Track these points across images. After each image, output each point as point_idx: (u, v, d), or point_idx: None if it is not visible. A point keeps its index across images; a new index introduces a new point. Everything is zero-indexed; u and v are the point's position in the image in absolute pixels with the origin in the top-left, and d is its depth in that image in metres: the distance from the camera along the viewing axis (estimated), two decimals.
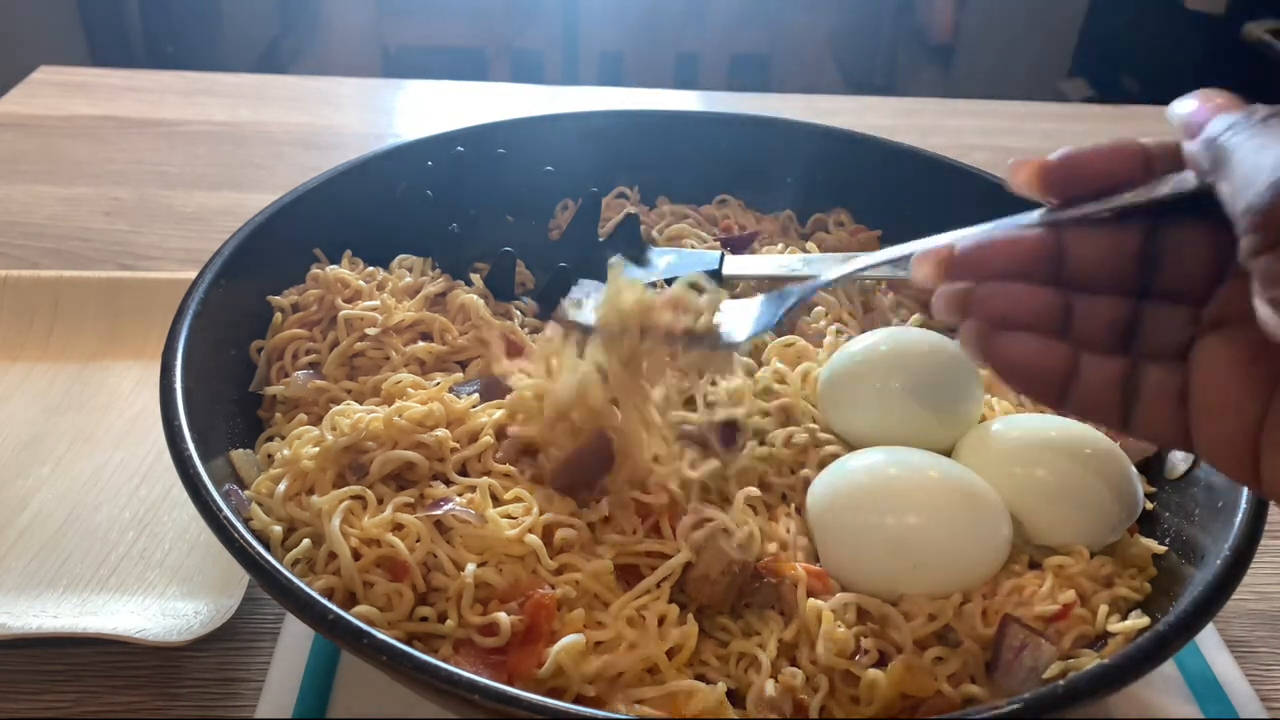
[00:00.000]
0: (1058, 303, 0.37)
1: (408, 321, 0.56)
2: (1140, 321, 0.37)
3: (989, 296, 0.37)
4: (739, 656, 0.44)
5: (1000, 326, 0.37)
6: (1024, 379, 0.37)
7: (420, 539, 0.44)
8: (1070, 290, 0.37)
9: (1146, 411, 0.36)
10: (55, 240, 0.85)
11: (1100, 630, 0.43)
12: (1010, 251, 0.37)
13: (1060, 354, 0.36)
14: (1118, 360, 0.37)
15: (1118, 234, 0.36)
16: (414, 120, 1.12)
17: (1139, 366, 0.37)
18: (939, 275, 0.38)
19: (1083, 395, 0.37)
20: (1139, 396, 0.36)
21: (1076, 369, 0.37)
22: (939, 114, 1.14)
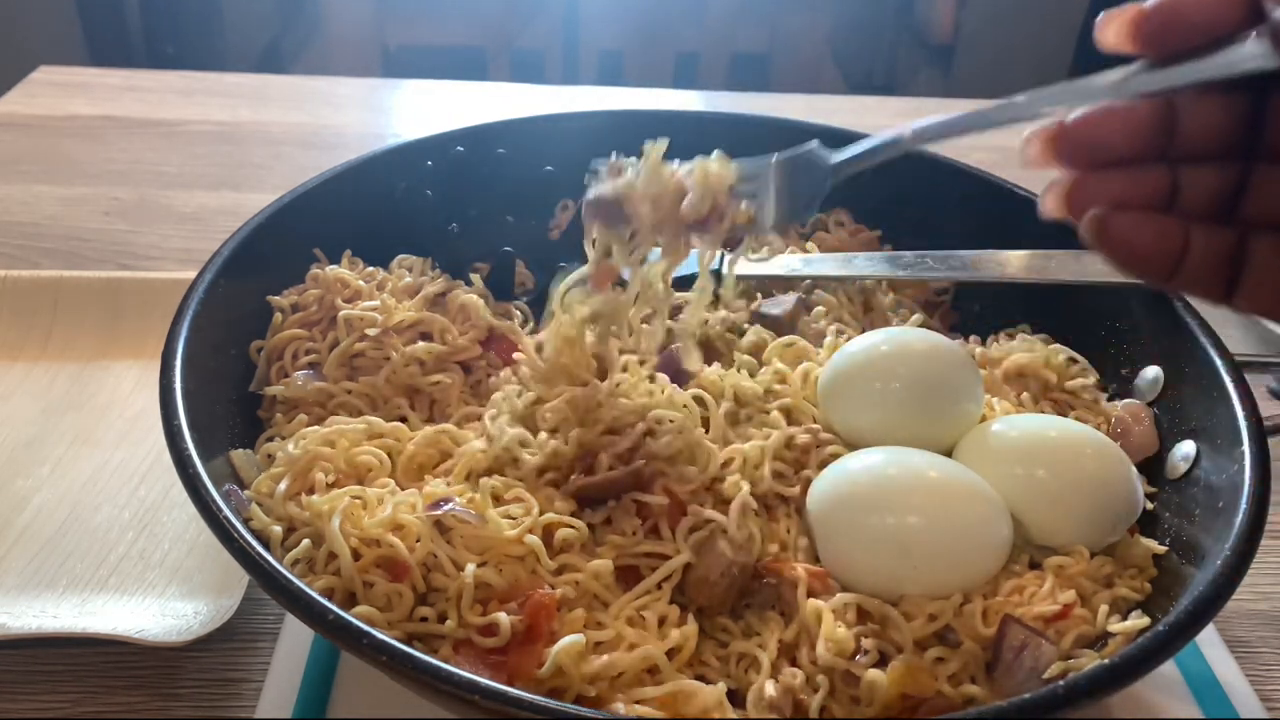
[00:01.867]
0: (1167, 180, 0.35)
1: (408, 321, 0.56)
2: (1247, 186, 0.35)
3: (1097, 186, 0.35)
4: (739, 657, 0.44)
5: None
6: (1141, 262, 0.35)
7: (420, 539, 0.44)
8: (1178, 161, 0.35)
9: (1253, 283, 0.35)
10: (55, 240, 0.85)
11: (1100, 630, 0.43)
12: (1125, 126, 0.34)
13: (1175, 233, 0.34)
14: (1227, 232, 0.35)
15: (1229, 97, 0.34)
16: (414, 120, 1.12)
17: (1248, 236, 0.35)
18: (1048, 153, 0.35)
19: (1192, 270, 0.35)
20: (1247, 267, 0.35)
21: (1188, 245, 0.35)
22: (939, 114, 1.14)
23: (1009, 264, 0.59)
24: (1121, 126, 0.35)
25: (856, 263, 0.62)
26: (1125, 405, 0.56)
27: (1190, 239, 0.35)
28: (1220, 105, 0.34)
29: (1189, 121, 0.34)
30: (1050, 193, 0.36)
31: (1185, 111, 0.34)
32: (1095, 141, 0.35)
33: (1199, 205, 0.35)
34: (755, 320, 0.59)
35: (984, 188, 0.66)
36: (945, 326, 0.65)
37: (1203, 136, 0.35)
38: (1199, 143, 0.35)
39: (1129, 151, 0.35)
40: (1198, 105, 0.34)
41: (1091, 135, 0.35)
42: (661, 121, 0.74)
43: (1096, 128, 0.35)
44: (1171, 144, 0.35)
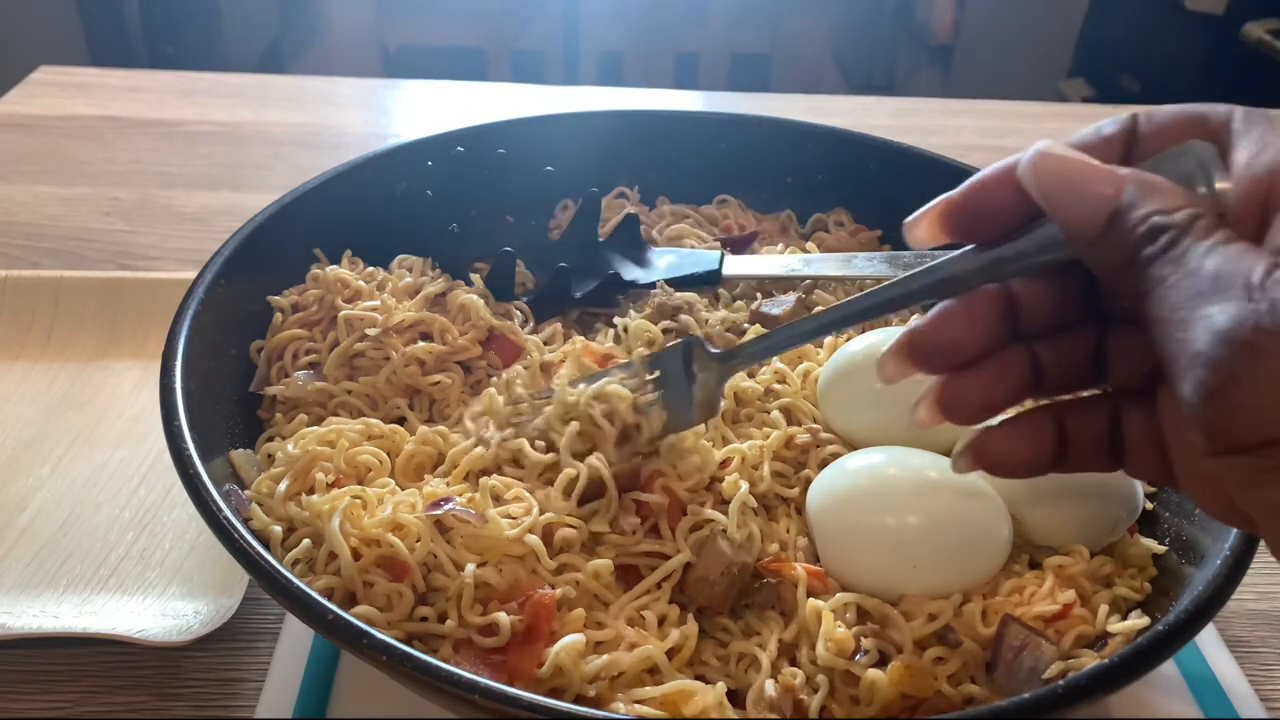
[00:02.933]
0: (1027, 361, 0.36)
1: (408, 322, 0.56)
2: (1105, 350, 0.36)
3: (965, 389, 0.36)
4: (739, 656, 0.44)
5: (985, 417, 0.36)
6: (1025, 470, 0.37)
7: (420, 539, 0.44)
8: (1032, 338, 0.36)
9: (1134, 455, 0.36)
10: (55, 240, 0.85)
11: (1100, 630, 0.43)
12: (967, 323, 0.35)
13: (1049, 433, 0.36)
14: (1100, 411, 0.36)
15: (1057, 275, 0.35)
16: (414, 120, 1.12)
17: (1120, 409, 0.36)
18: (905, 366, 0.36)
19: (1076, 456, 0.36)
20: (1125, 442, 0.36)
21: (1064, 434, 0.36)
22: (939, 114, 1.14)
23: None
24: (964, 324, 0.35)
25: (856, 263, 0.62)
26: None
27: (1066, 428, 0.36)
28: (1050, 282, 0.35)
29: (1028, 301, 0.35)
30: (921, 404, 0.37)
31: (1023, 293, 0.35)
32: (945, 344, 0.36)
33: (1064, 379, 0.36)
34: (755, 320, 0.59)
35: None
36: None
37: (1046, 312, 0.35)
38: (1044, 319, 0.35)
39: (980, 345, 0.35)
40: (1031, 285, 0.35)
41: (939, 337, 0.35)
42: (661, 122, 0.74)
43: (941, 331, 0.35)
44: (1019, 325, 0.35)
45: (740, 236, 0.69)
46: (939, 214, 0.35)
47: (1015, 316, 0.35)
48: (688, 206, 0.72)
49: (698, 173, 0.73)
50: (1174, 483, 0.35)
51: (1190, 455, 0.33)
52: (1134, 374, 0.35)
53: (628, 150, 0.73)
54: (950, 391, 0.36)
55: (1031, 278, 0.35)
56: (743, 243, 0.68)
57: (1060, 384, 0.36)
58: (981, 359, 0.36)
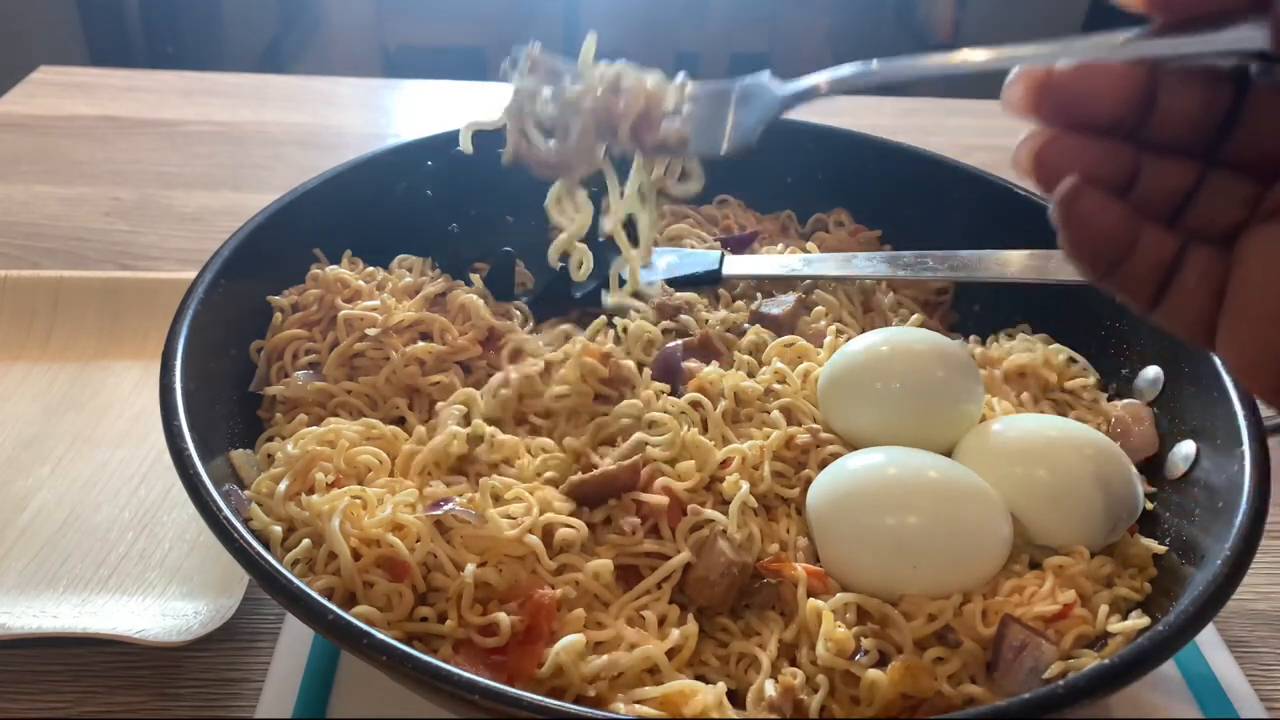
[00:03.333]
0: (1131, 163, 0.34)
1: (408, 321, 0.56)
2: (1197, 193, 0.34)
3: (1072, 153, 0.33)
4: (739, 656, 0.44)
5: None
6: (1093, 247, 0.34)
7: (420, 539, 0.44)
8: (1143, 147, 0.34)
9: (1180, 298, 0.34)
10: (55, 240, 0.85)
11: (1100, 630, 0.43)
12: (1111, 86, 0.33)
13: (1131, 226, 0.33)
14: (1170, 238, 0.34)
15: (1210, 90, 0.33)
16: (414, 120, 1.12)
17: (1185, 249, 0.34)
18: (1030, 100, 0.34)
19: (1130, 271, 0.34)
20: (1176, 281, 0.34)
21: (1137, 242, 0.34)
22: (939, 114, 1.14)
23: (1009, 264, 0.58)
24: (1109, 85, 0.33)
25: (856, 263, 0.62)
26: (1125, 405, 0.56)
27: (1140, 237, 0.34)
28: (1201, 94, 0.33)
29: (1168, 103, 0.33)
30: (1024, 146, 0.34)
31: (1166, 92, 0.33)
32: (1081, 95, 0.33)
33: (1151, 199, 0.34)
34: (755, 320, 0.59)
35: (984, 188, 0.66)
36: (945, 326, 0.65)
37: (1175, 123, 0.33)
38: (1170, 128, 0.34)
39: (1108, 114, 0.34)
40: (1180, 89, 0.33)
41: (1079, 88, 0.33)
42: None
43: (1085, 80, 0.33)
44: (1146, 124, 0.33)
45: (740, 236, 0.69)
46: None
47: (1148, 112, 0.33)
48: (688, 206, 0.72)
49: None
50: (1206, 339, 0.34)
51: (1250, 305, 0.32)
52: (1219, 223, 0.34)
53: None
54: (1057, 147, 0.34)
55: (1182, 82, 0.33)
56: (743, 243, 0.68)
57: (1145, 201, 0.34)
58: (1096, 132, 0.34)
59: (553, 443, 0.51)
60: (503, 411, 0.53)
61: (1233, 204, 0.33)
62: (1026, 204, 0.64)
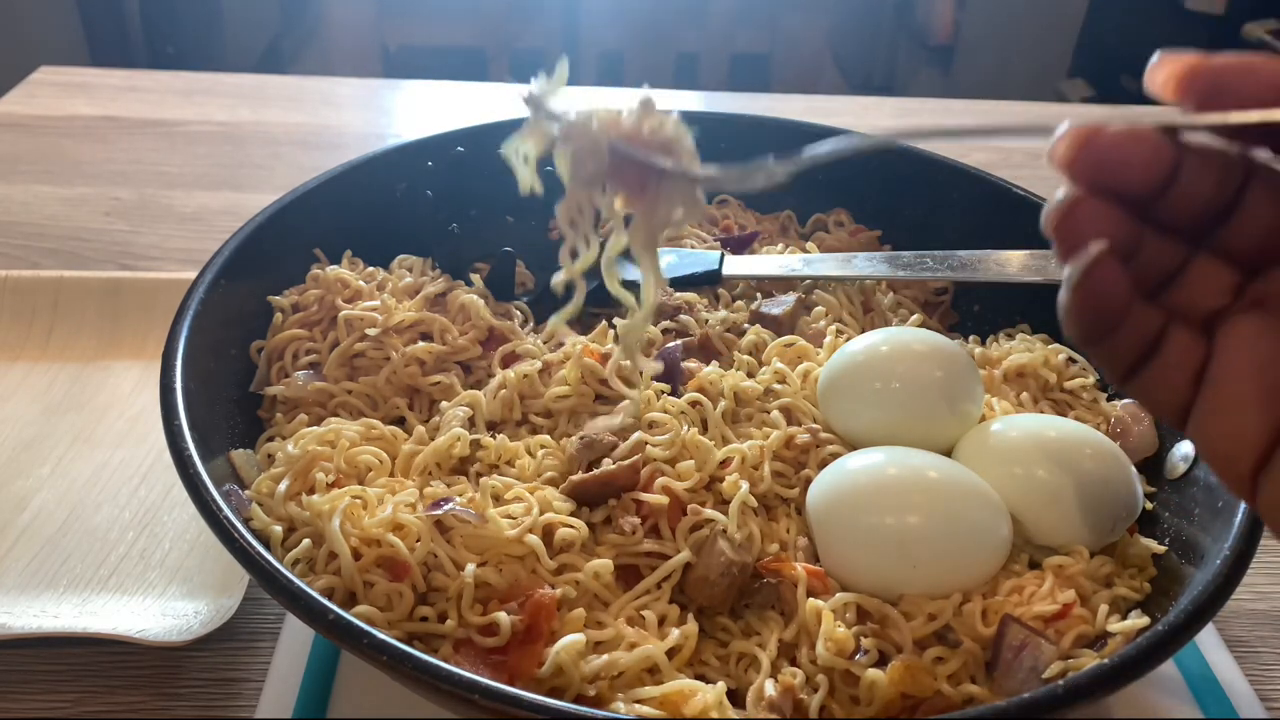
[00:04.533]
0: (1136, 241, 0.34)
1: (408, 322, 0.56)
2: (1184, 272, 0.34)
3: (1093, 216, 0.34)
4: (739, 656, 0.44)
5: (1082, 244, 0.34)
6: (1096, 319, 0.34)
7: (420, 539, 0.44)
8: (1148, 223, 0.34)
9: (1157, 373, 0.34)
10: (55, 240, 0.85)
11: (1100, 630, 0.43)
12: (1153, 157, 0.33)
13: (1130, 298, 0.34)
14: (1159, 312, 0.34)
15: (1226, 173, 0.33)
16: (414, 120, 1.12)
17: (1170, 324, 0.34)
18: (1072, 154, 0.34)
19: (1117, 343, 0.34)
20: (1158, 356, 0.34)
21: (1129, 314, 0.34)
22: (939, 114, 1.14)
23: (1009, 264, 0.59)
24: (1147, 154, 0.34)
25: (856, 263, 0.62)
26: (1125, 405, 0.56)
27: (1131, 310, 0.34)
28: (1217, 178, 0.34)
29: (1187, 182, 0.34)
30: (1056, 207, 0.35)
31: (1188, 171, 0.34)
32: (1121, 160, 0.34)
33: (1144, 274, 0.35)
34: (755, 320, 0.60)
35: (984, 188, 0.66)
36: (945, 326, 0.65)
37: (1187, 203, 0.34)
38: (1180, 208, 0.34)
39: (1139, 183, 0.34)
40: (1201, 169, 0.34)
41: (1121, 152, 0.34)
42: None
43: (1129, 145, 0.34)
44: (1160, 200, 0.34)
45: (740, 236, 0.69)
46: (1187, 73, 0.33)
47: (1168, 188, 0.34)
48: None
49: None
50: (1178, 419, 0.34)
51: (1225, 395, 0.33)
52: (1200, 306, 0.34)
53: None
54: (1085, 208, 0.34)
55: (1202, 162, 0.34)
56: (743, 243, 0.68)
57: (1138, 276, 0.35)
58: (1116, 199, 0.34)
59: (553, 441, 0.51)
60: (504, 412, 0.53)
61: (1216, 290, 0.34)
62: (1026, 204, 0.64)
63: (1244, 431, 0.32)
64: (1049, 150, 0.35)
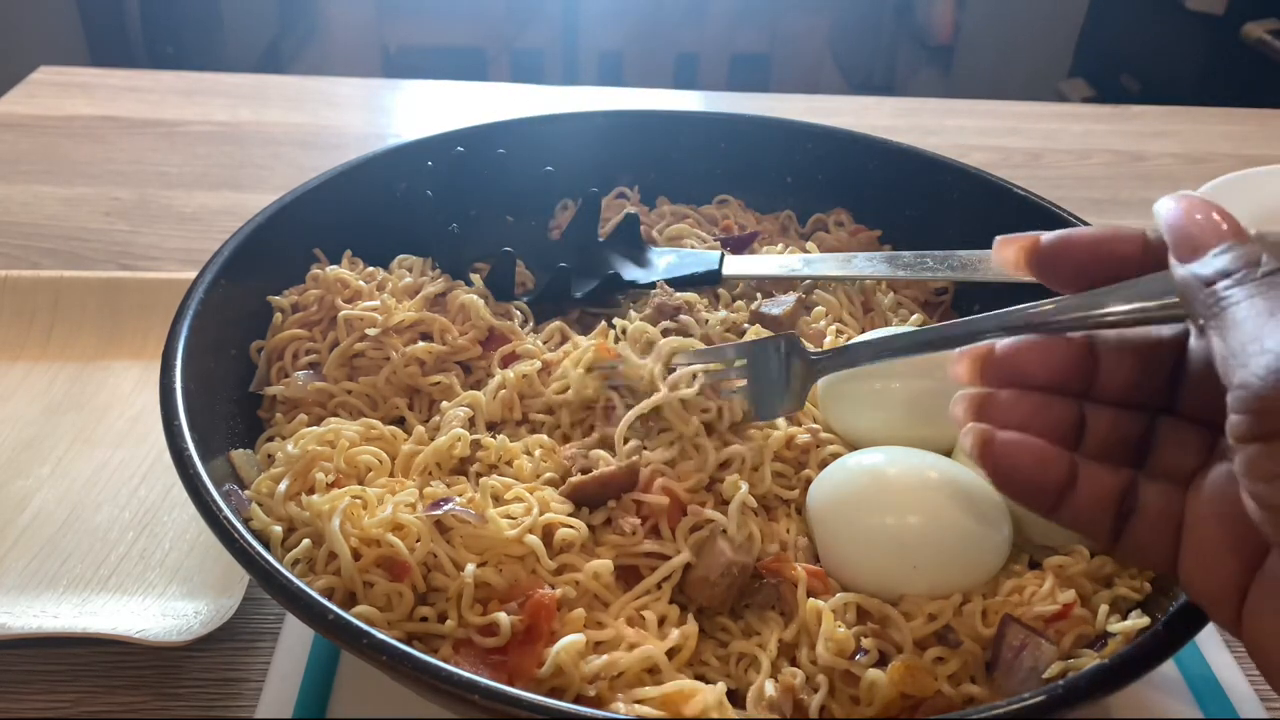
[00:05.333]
0: (1073, 415, 0.36)
1: (408, 322, 0.56)
2: (1152, 437, 0.36)
3: (1007, 404, 0.37)
4: (739, 656, 0.44)
5: None
6: (1019, 486, 0.37)
7: (420, 539, 0.44)
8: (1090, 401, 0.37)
9: (1140, 532, 0.36)
10: (55, 240, 0.85)
11: (1100, 630, 0.43)
12: (1044, 359, 0.37)
13: (1058, 464, 0.36)
14: (1118, 474, 0.36)
15: (1148, 353, 0.36)
16: (414, 120, 1.12)
17: (1140, 484, 0.36)
18: (974, 373, 0.38)
19: (1077, 507, 0.36)
20: (1136, 516, 0.36)
21: (1075, 480, 0.36)
22: (939, 114, 1.14)
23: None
24: (1041, 359, 0.37)
25: (856, 263, 0.62)
26: None
27: (1078, 475, 0.36)
28: (1138, 360, 0.36)
29: (1109, 367, 0.36)
30: (960, 403, 0.39)
31: (1106, 357, 0.36)
32: (1016, 368, 0.37)
33: (1101, 446, 0.36)
34: (755, 320, 0.59)
35: (984, 188, 0.66)
36: None
37: (1119, 384, 0.36)
38: (1114, 389, 0.36)
39: (1045, 382, 0.37)
40: (1118, 355, 0.36)
41: (1014, 362, 0.37)
42: (661, 122, 0.74)
43: (1019, 356, 0.37)
44: (1089, 385, 0.37)
45: (740, 236, 0.69)
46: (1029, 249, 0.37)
47: (1089, 377, 0.37)
48: (688, 206, 0.72)
49: (698, 173, 0.73)
50: (1169, 568, 0.36)
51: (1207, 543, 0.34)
52: (1178, 466, 0.36)
53: (628, 150, 0.73)
54: (993, 402, 0.38)
55: (1119, 347, 0.36)
56: (743, 243, 0.68)
57: (1097, 450, 0.37)
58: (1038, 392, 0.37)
59: (551, 440, 0.51)
60: (504, 412, 0.53)
61: (1189, 451, 0.36)
62: (1026, 204, 0.64)
63: (1222, 576, 0.33)
64: (950, 372, 0.39)
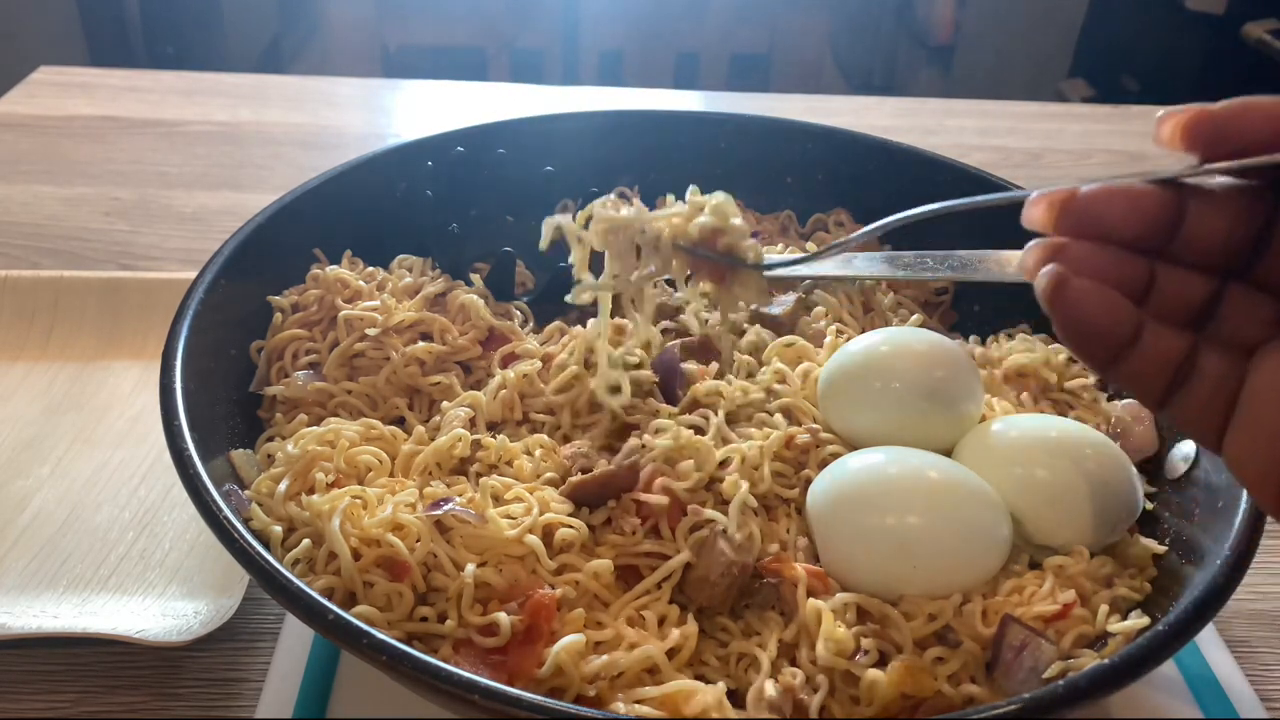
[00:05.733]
0: (1146, 274, 0.34)
1: (408, 322, 0.56)
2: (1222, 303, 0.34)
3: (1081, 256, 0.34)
4: (739, 656, 0.44)
5: None
6: (1086, 334, 0.34)
7: (420, 539, 0.44)
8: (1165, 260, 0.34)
9: (1192, 400, 0.34)
10: (55, 240, 0.85)
11: (1100, 630, 0.43)
12: (1132, 208, 0.34)
13: (1127, 317, 0.34)
14: (1182, 337, 0.34)
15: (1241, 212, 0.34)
16: (414, 120, 1.12)
17: (1202, 350, 0.34)
18: (1051, 218, 0.35)
19: (1134, 366, 0.34)
20: (1192, 382, 0.34)
21: (1139, 336, 0.34)
22: (939, 114, 1.14)
23: (1009, 264, 0.58)
24: (1126, 208, 0.34)
25: (856, 263, 0.62)
26: (1125, 405, 0.56)
27: (1143, 333, 0.34)
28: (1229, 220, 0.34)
29: (1195, 224, 0.34)
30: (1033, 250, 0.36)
31: (1194, 215, 0.34)
32: (1097, 217, 0.35)
33: (1166, 307, 0.35)
34: (755, 320, 0.59)
35: (984, 188, 0.66)
36: (945, 326, 0.65)
37: (1201, 244, 0.34)
38: (1194, 249, 0.34)
39: (1125, 235, 0.34)
40: (1208, 213, 0.34)
41: (1097, 210, 0.34)
42: (661, 122, 0.74)
43: (1104, 203, 0.34)
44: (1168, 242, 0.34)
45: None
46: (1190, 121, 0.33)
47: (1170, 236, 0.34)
48: None
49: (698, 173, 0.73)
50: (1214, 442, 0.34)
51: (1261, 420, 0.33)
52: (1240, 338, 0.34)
53: (628, 150, 0.73)
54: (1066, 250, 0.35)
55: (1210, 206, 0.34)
56: None
57: (1161, 311, 0.35)
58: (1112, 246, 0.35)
59: (551, 440, 0.51)
60: (504, 412, 0.53)
61: (1255, 320, 0.34)
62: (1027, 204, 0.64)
63: (1273, 456, 0.32)
64: (1023, 216, 0.36)
